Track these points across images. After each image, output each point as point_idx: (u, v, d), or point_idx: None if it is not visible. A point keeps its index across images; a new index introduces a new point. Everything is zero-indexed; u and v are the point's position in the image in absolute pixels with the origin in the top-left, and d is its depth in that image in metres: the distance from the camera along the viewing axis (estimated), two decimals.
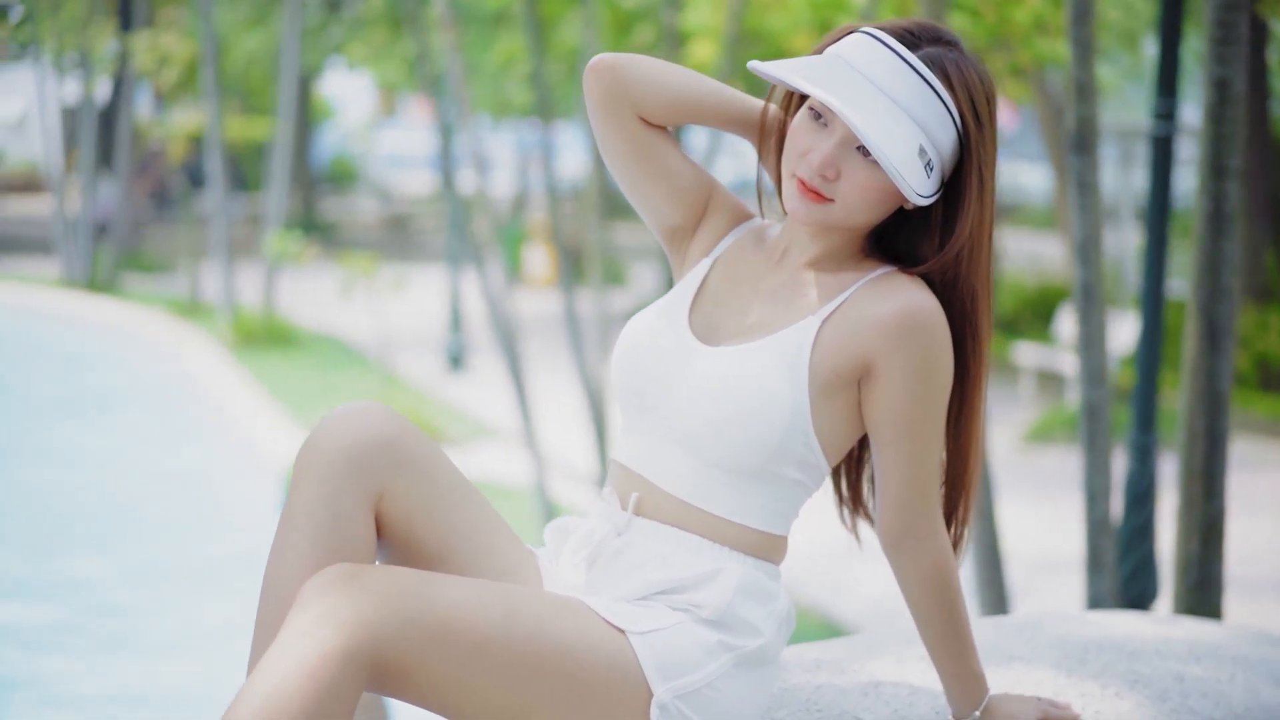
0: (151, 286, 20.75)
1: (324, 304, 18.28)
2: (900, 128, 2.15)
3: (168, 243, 24.62)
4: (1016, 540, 9.05)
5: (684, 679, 2.14)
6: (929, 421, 2.20)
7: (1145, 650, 2.58)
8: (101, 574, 8.36)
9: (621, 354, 2.31)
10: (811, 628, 7.88)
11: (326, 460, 2.11)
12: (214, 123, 17.34)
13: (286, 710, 1.87)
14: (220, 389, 13.72)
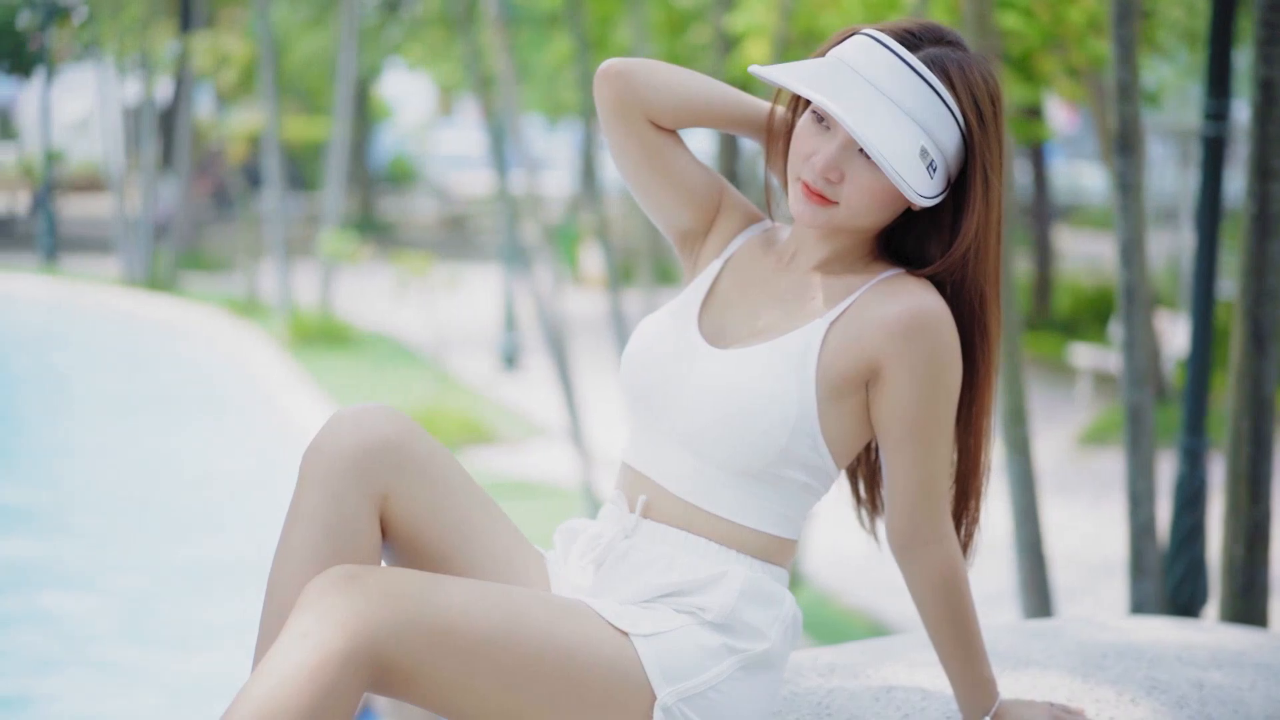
0: (210, 285, 20.91)
1: (380, 303, 18.37)
2: (900, 129, 2.14)
3: (227, 242, 24.79)
4: (1072, 543, 9.00)
5: (687, 682, 2.13)
6: (936, 425, 2.19)
7: (1166, 656, 2.55)
8: (159, 569, 8.44)
9: (630, 356, 2.31)
10: (859, 630, 7.86)
11: (330, 462, 2.12)
12: (271, 123, 17.46)
13: (286, 711, 1.88)
14: (276, 387, 13.81)
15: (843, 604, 8.30)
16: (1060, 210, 26.24)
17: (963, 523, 2.32)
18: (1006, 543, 5.62)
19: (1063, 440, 11.85)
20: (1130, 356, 4.69)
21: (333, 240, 15.78)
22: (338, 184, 17.15)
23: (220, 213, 29.46)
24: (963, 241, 2.21)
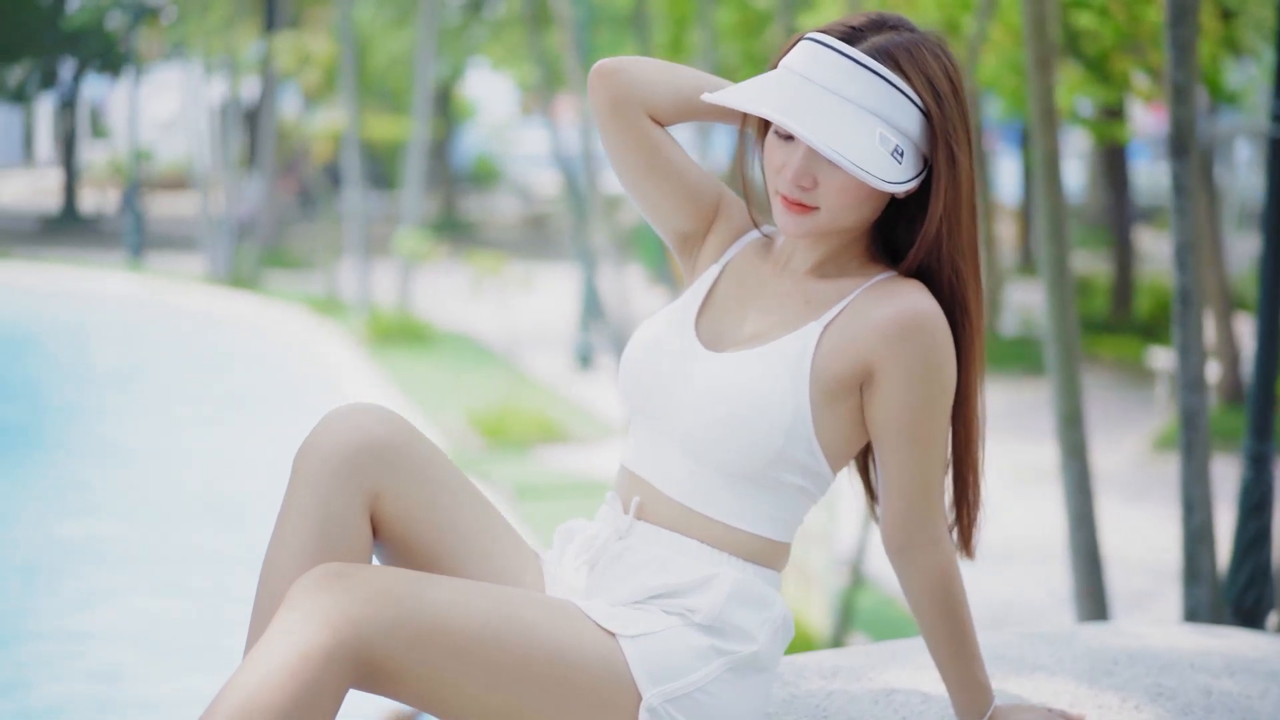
0: (292, 283, 21.11)
1: (458, 302, 18.47)
2: (852, 122, 2.14)
3: (310, 240, 25.03)
4: (1141, 549, 8.92)
5: (674, 683, 2.14)
6: (930, 427, 2.19)
7: (1178, 663, 2.54)
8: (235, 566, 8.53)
9: (628, 359, 2.32)
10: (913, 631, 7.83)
11: (321, 461, 2.15)
12: (351, 123, 17.60)
13: (267, 707, 1.90)
14: (353, 385, 13.92)
15: (905, 605, 8.27)
16: (1143, 212, 25.96)
17: (963, 509, 2.32)
18: (1062, 547, 5.59)
19: (1138, 444, 11.74)
20: (1184, 360, 4.65)
21: (408, 239, 15.89)
22: (417, 184, 17.27)
23: (304, 211, 29.76)
24: (932, 220, 2.21)
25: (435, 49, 17.79)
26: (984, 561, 7.16)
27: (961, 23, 10.31)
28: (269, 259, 22.65)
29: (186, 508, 9.81)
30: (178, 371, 15.41)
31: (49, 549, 8.71)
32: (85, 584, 8.06)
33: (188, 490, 10.28)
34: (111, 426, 12.49)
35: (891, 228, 2.31)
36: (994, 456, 8.50)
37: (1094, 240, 24.02)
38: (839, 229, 2.24)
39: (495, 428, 11.46)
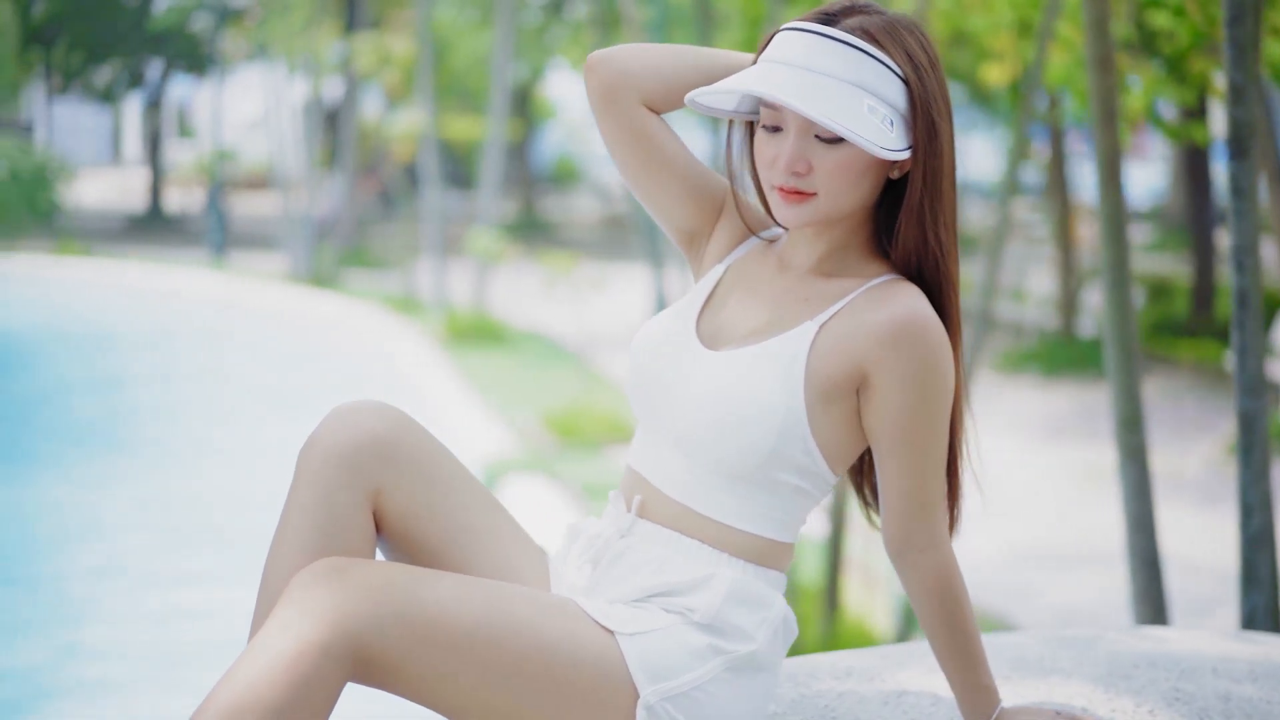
0: (371, 282, 21.26)
1: (534, 302, 18.55)
2: (840, 96, 2.16)
3: (390, 240, 25.20)
4: (1211, 553, 8.83)
5: (671, 681, 2.15)
6: (927, 432, 2.18)
7: (1200, 668, 2.52)
8: None
9: (632, 358, 2.33)
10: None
11: (323, 458, 2.17)
12: (429, 123, 17.71)
13: (261, 700, 1.93)
14: (428, 384, 14.01)
15: (977, 608, 8.23)
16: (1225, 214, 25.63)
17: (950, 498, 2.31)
18: (1121, 552, 5.54)
19: (1214, 448, 11.61)
20: (1242, 363, 4.60)
21: (481, 239, 15.96)
22: (493, 184, 17.34)
23: (385, 211, 29.97)
24: (914, 188, 2.22)
25: (513, 50, 17.85)
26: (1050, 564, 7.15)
27: (1034, 20, 10.23)
28: (349, 258, 22.82)
29: (266, 505, 9.91)
30: (256, 369, 15.57)
31: (124, 547, 8.82)
32: (161, 581, 8.16)
33: (267, 487, 10.38)
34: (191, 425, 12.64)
35: (889, 228, 2.30)
36: (1063, 458, 8.55)
37: (1176, 243, 23.77)
38: (839, 213, 2.24)
39: (567, 427, 11.50)
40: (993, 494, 10.35)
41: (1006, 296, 17.36)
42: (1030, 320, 16.65)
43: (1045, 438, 12.37)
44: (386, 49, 19.92)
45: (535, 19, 25.62)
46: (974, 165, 33.49)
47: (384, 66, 19.83)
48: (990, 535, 9.50)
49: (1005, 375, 15.03)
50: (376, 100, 27.82)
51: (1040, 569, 8.89)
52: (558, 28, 26.18)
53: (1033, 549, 9.27)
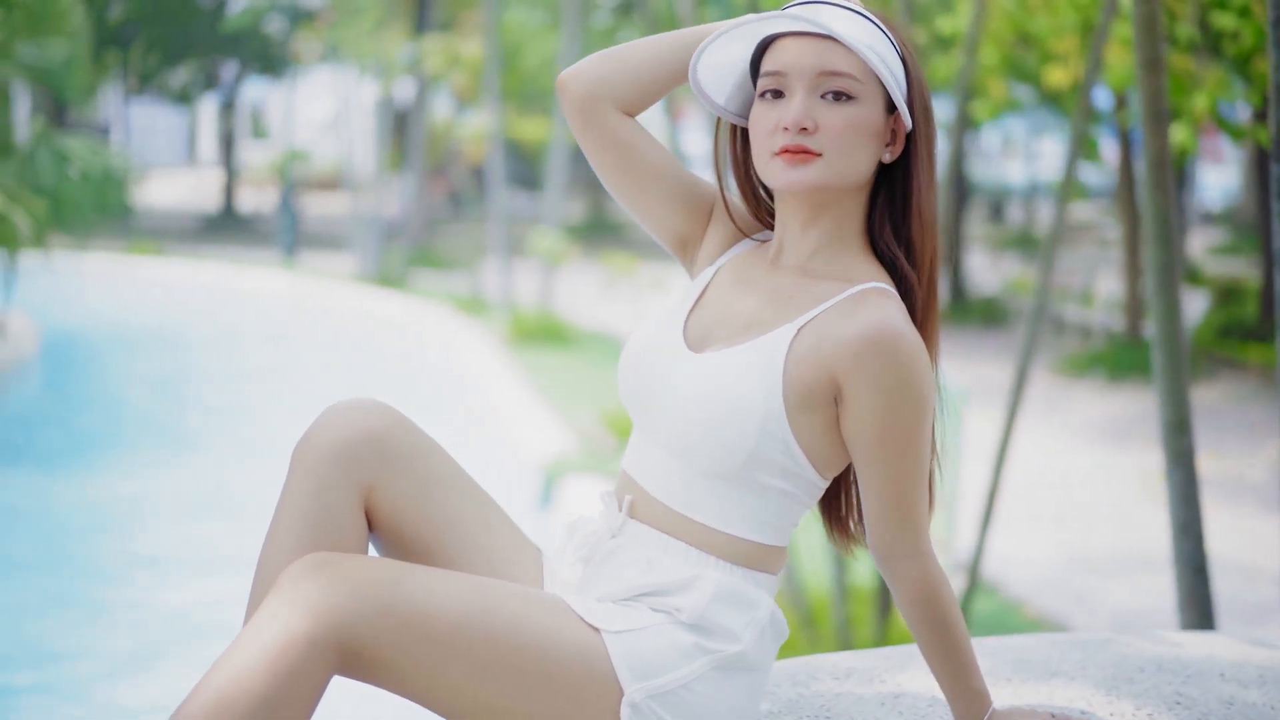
0: (439, 283, 21.38)
1: (598, 302, 18.59)
2: (854, 38, 2.21)
3: (459, 240, 25.33)
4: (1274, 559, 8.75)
5: (657, 679, 2.16)
6: (902, 442, 2.18)
7: (1207, 673, 2.50)
8: None
9: (622, 361, 2.35)
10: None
11: (316, 454, 2.20)
12: (496, 124, 17.79)
13: (247, 691, 1.95)
14: (491, 384, 14.07)
15: (1031, 612, 8.18)
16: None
17: None
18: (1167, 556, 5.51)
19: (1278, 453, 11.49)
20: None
21: (544, 240, 16.02)
22: (558, 185, 17.40)
23: (455, 212, 30.12)
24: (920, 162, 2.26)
25: (582, 51, 17.90)
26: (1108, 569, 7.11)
27: (1097, 21, 10.16)
28: (418, 259, 22.95)
29: None
30: (322, 368, 15.69)
31: (185, 544, 8.92)
32: (220, 580, 8.24)
33: None
34: (257, 422, 12.76)
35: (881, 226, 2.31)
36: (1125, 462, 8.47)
37: (1249, 246, 23.53)
38: (840, 179, 2.24)
39: (627, 427, 11.53)
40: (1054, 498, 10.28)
41: (1074, 299, 17.23)
42: (1098, 323, 16.52)
43: (1108, 441, 12.28)
44: (455, 51, 20.02)
45: (605, 20, 25.65)
46: (1046, 167, 33.27)
47: (452, 68, 19.92)
48: (1050, 539, 9.44)
49: (1069, 378, 14.93)
50: (447, 102, 27.97)
51: (1099, 573, 8.83)
52: (628, 29, 26.21)
53: (1092, 553, 9.21)
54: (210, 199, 33.59)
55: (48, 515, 10.02)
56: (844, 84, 2.21)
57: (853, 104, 2.22)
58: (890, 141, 2.27)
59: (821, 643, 7.11)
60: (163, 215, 30.30)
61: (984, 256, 24.39)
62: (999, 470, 6.27)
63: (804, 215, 2.29)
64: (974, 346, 16.47)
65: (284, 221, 24.19)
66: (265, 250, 25.32)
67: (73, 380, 15.41)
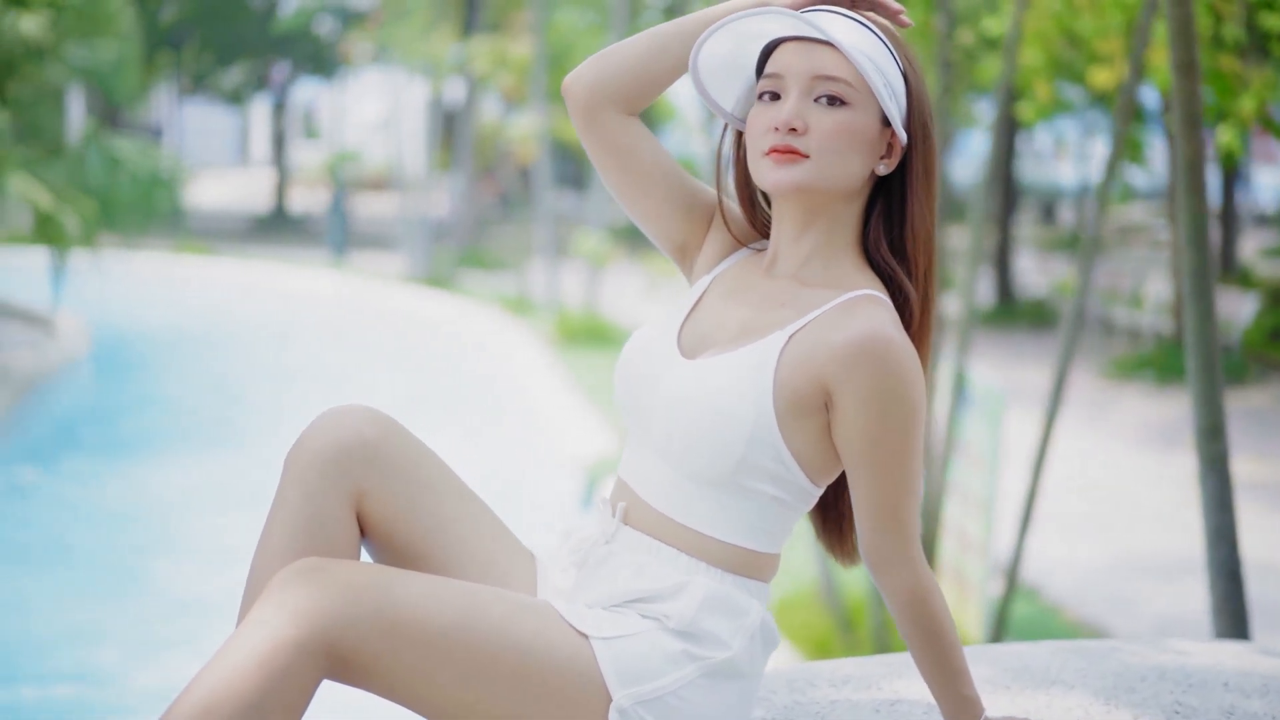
0: (487, 283, 21.45)
1: (642, 303, 18.61)
2: (854, 49, 2.21)
3: (508, 241, 25.41)
4: None
5: (644, 685, 2.16)
6: (892, 451, 2.17)
7: (1211, 682, 2.49)
8: None
9: (619, 367, 2.35)
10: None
11: (308, 460, 2.21)
12: (543, 125, 17.84)
13: (235, 695, 1.96)
14: (535, 384, 14.11)
15: (1070, 616, 8.15)
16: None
17: None
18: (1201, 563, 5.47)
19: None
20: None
21: (588, 241, 16.05)
22: (603, 187, 17.46)
23: (505, 212, 30.20)
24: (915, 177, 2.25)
25: None
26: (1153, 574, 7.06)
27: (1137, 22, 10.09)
28: (466, 259, 23.03)
29: None
30: (368, 367, 15.77)
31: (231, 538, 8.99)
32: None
33: None
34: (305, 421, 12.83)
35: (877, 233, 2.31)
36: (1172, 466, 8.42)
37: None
38: (826, 183, 2.23)
39: None
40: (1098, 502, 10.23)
41: (1124, 302, 17.13)
42: (1147, 326, 16.42)
43: (1154, 445, 12.21)
44: (503, 52, 20.07)
45: (654, 20, 25.67)
46: (1098, 169, 33.05)
47: (500, 69, 19.98)
48: (1093, 543, 9.40)
49: (1117, 382, 14.85)
50: (496, 103, 28.04)
51: (1144, 578, 8.79)
52: None
53: (1135, 558, 9.16)
54: (262, 199, 33.80)
55: (98, 511, 10.13)
56: (838, 89, 2.21)
57: (845, 110, 2.22)
58: (885, 154, 2.27)
59: (859, 646, 7.10)
60: (215, 215, 30.51)
61: (1033, 258, 24.28)
62: (1038, 473, 6.25)
63: (797, 222, 2.29)
64: (1021, 349, 16.41)
65: (334, 222, 24.31)
66: (315, 250, 25.46)
67: (122, 379, 15.55)
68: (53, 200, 12.28)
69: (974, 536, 7.59)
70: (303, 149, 38.82)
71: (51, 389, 13.57)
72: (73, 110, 26.21)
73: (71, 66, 13.91)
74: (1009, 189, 20.95)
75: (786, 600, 7.96)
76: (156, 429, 12.87)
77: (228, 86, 31.75)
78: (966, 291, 7.22)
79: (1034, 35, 11.70)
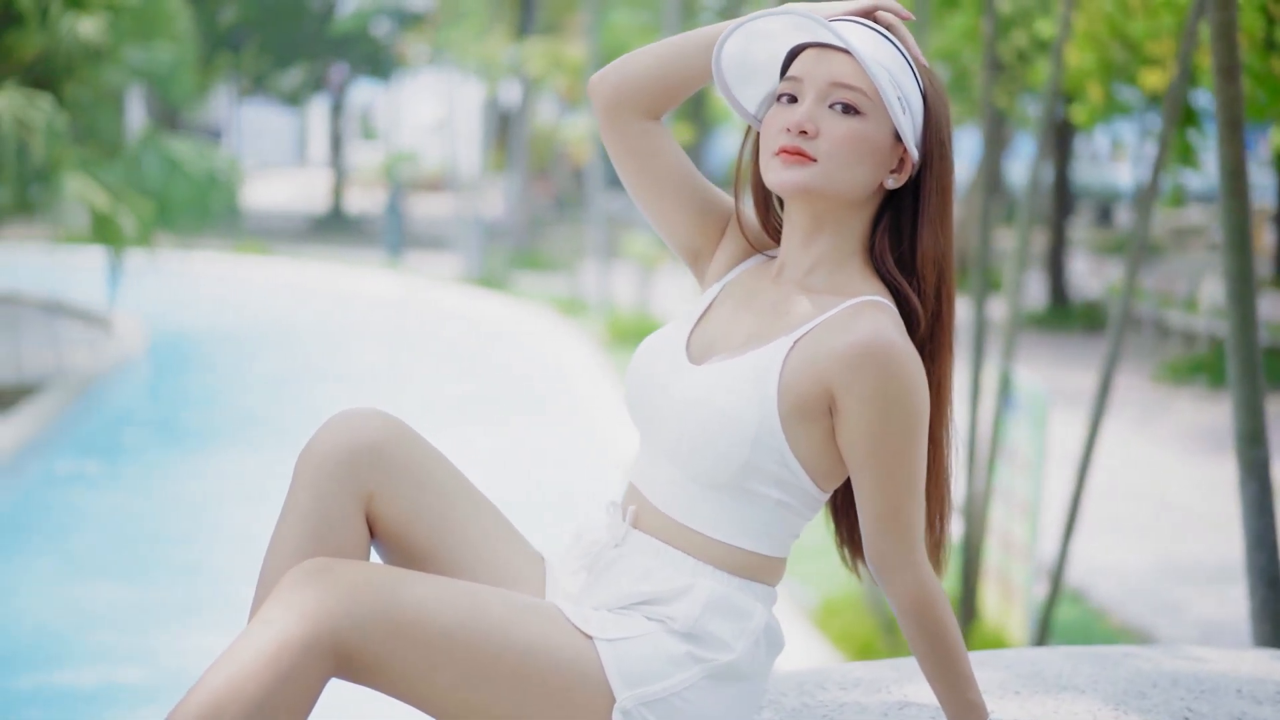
0: (541, 284, 21.52)
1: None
2: (870, 60, 2.22)
3: (562, 242, 25.48)
4: None
5: (648, 687, 2.18)
6: (895, 455, 2.19)
7: (1224, 688, 2.49)
8: None
9: (628, 373, 2.38)
10: None
11: (318, 463, 2.25)
12: (595, 127, 17.90)
13: (241, 694, 2.00)
14: (584, 385, 14.15)
15: (1115, 621, 8.12)
16: None
17: (933, 522, 2.33)
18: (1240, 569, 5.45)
19: None
20: None
21: (638, 243, 16.09)
22: None
23: (560, 214, 30.28)
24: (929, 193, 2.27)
25: None
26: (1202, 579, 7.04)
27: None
28: (521, 260, 23.10)
29: None
30: (420, 367, 15.85)
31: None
32: None
33: None
34: None
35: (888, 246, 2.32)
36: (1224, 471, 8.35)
37: None
38: (831, 189, 2.25)
39: None
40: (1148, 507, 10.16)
41: (1179, 305, 17.01)
42: (1202, 329, 16.30)
43: (1206, 450, 12.13)
44: (557, 53, 20.13)
45: (711, 21, 25.69)
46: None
47: (554, 70, 20.05)
48: (1141, 549, 9.35)
49: (1170, 386, 14.75)
50: (552, 104, 28.12)
51: (1191, 584, 8.74)
52: None
53: (1183, 564, 9.11)
54: (319, 200, 33.99)
55: (153, 507, 10.25)
56: (853, 97, 2.23)
57: (859, 119, 2.24)
58: (896, 168, 2.28)
59: (901, 649, 7.10)
60: (272, 216, 30.71)
61: (1088, 261, 24.14)
62: (1082, 477, 6.23)
63: (805, 228, 2.31)
64: (1075, 352, 16.33)
65: (390, 222, 24.43)
66: (371, 251, 25.60)
67: (179, 378, 15.68)
68: (110, 201, 12.40)
69: (1019, 540, 7.57)
70: (360, 150, 39.04)
71: (108, 388, 13.71)
72: (134, 112, 26.43)
73: (129, 68, 14.05)
74: (1065, 191, 20.83)
75: (830, 604, 7.96)
76: (212, 427, 12.99)
77: (286, 88, 31.96)
78: (1012, 294, 7.20)
79: (1085, 37, 11.66)
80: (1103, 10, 10.55)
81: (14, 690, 7.24)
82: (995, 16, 7.51)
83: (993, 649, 2.97)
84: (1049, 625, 7.32)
